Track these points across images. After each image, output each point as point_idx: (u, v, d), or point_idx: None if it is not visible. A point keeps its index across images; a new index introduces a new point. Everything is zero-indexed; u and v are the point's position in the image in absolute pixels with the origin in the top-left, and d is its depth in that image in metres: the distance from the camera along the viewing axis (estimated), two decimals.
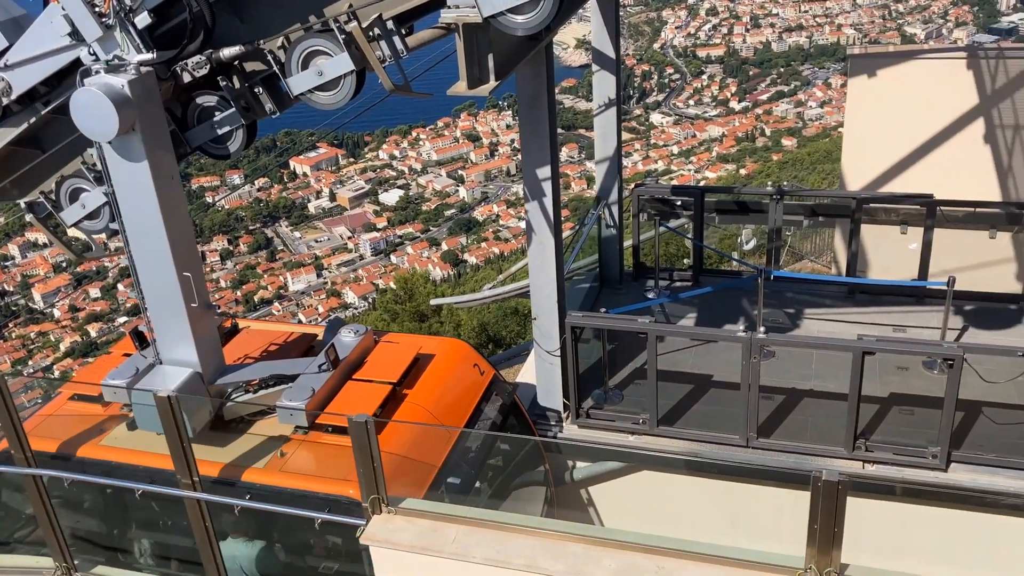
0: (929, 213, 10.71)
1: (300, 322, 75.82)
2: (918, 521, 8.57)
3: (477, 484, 8.20)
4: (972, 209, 11.21)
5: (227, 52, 6.85)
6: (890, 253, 11.74)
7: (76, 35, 6.57)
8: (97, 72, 6.42)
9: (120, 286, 78.55)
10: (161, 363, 7.49)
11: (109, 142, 6.54)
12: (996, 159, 13.19)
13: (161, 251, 6.96)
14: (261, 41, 6.85)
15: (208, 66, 6.84)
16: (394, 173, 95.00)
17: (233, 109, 7.05)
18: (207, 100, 7.16)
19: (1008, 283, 12.41)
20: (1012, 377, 8.52)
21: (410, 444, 7.42)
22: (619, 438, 9.20)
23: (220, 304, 79.46)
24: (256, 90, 7.12)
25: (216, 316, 7.87)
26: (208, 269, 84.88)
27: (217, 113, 7.13)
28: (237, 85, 7.05)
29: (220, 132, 7.18)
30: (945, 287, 9.77)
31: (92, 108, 6.29)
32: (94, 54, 6.60)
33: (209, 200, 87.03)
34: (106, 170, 6.79)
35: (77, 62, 6.75)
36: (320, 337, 8.56)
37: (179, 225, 7.02)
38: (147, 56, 6.49)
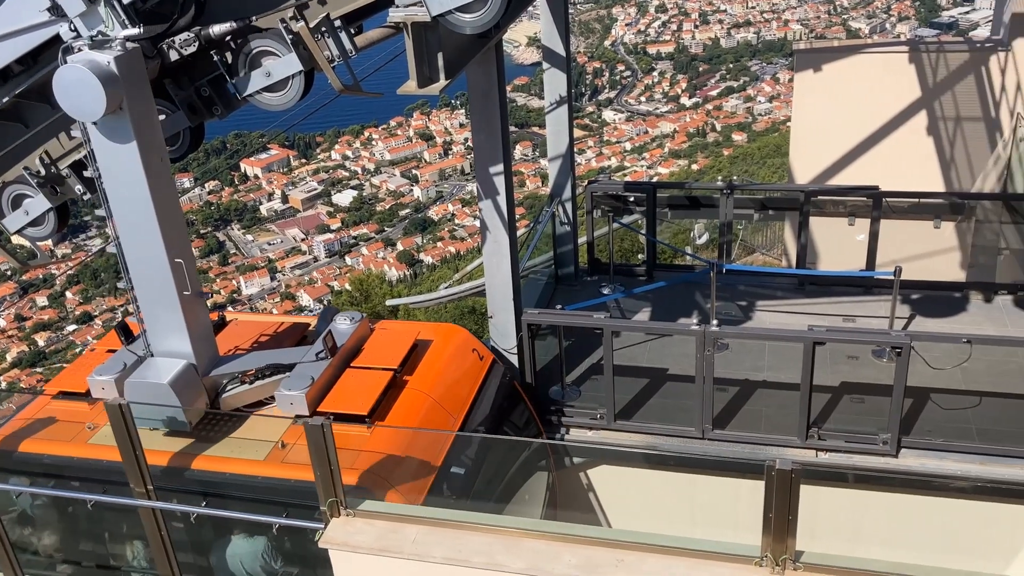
0: (875, 204, 10.92)
1: None
2: (871, 507, 8.74)
3: (480, 478, 8.04)
4: (917, 200, 11.46)
5: (217, 29, 6.56)
6: (838, 244, 11.95)
7: (56, 10, 6.24)
8: (79, 49, 6.11)
9: (69, 293, 76.97)
10: (152, 355, 7.23)
11: (94, 123, 6.25)
12: (939, 150, 13.50)
13: (151, 237, 6.69)
14: (254, 17, 6.55)
15: (196, 43, 6.55)
16: (347, 174, 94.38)
17: (179, 111, 6.94)
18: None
19: (953, 271, 12.70)
20: (958, 363, 8.72)
21: (413, 434, 7.25)
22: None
23: None
24: (202, 91, 7.01)
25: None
26: None
27: (162, 115, 7.01)
28: (182, 89, 6.95)
29: (166, 135, 7.05)
30: (892, 277, 9.97)
31: (78, 86, 5.99)
32: (75, 30, 6.27)
33: None
34: (91, 153, 6.49)
35: (49, 41, 6.45)
36: (313, 326, 8.35)
37: (169, 209, 6.75)
38: (134, 31, 6.19)
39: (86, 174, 7.34)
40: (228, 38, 6.64)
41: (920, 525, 8.58)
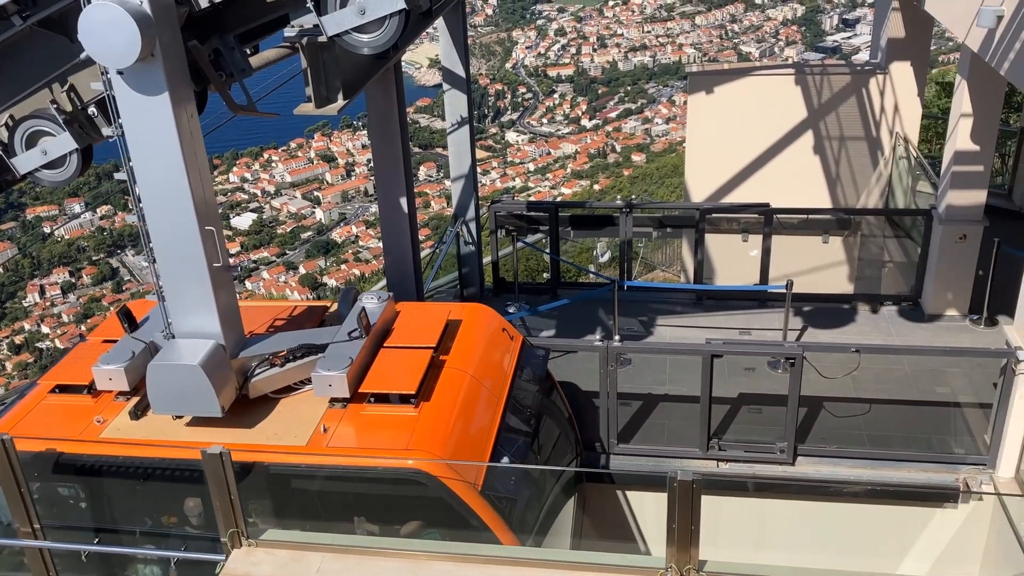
0: (767, 221, 11.32)
1: None
2: (771, 514, 8.98)
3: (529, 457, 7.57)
4: (806, 216, 11.93)
5: None
6: (733, 260, 12.32)
7: None
8: None
9: None
10: (173, 337, 6.66)
11: (120, 72, 5.71)
12: (825, 168, 14.07)
13: (181, 202, 6.08)
14: None
15: None
16: (246, 196, 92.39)
17: (66, 132, 6.68)
18: (36, 124, 6.73)
19: (841, 284, 13.24)
20: (848, 372, 9.07)
21: (463, 415, 6.94)
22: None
23: (63, 340, 75.18)
24: (90, 112, 6.77)
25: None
26: (48, 303, 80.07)
27: (48, 137, 6.73)
28: (69, 107, 6.69)
29: (52, 157, 6.76)
30: (784, 290, 10.33)
31: (109, 28, 5.43)
32: None
33: (47, 230, 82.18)
34: (113, 105, 5.94)
35: None
36: (332, 308, 7.90)
37: (199, 172, 6.20)
38: None
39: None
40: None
41: (817, 530, 8.86)
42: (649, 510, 8.83)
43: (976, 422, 8.94)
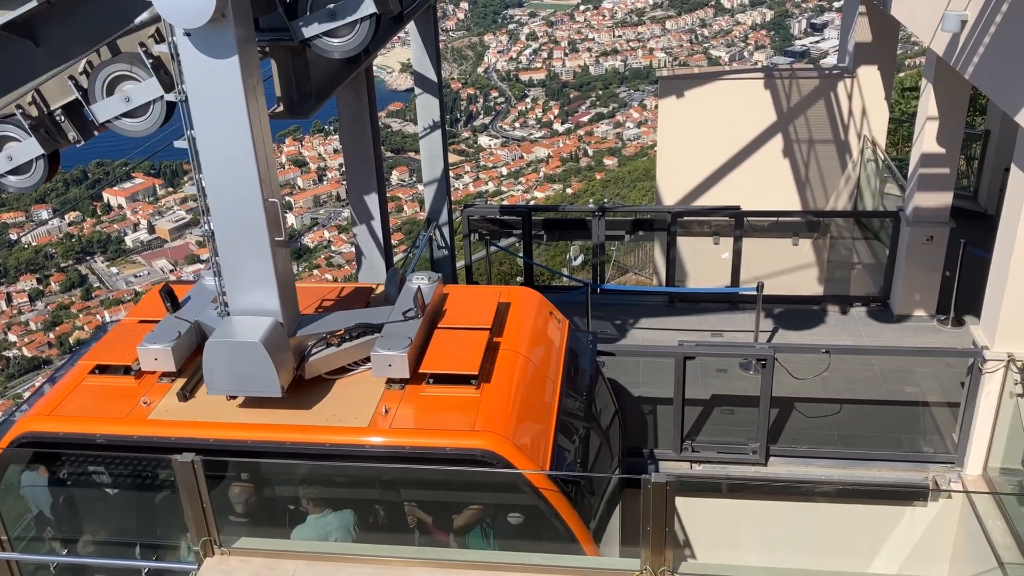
0: (737, 224, 11.41)
1: None
2: (744, 514, 9.04)
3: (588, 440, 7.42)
4: (776, 219, 12.04)
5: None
6: (705, 263, 12.41)
7: None
8: None
9: None
10: (228, 314, 6.41)
11: (187, 33, 5.49)
12: (795, 171, 14.22)
13: (245, 171, 5.87)
14: None
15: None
16: None
17: (32, 137, 6.59)
18: (1, 130, 6.63)
19: (811, 286, 13.36)
20: (818, 373, 9.16)
21: (524, 396, 6.74)
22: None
23: (30, 348, 74.12)
24: (58, 117, 6.69)
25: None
26: (15, 311, 78.92)
27: (13, 143, 6.65)
28: (35, 113, 6.61)
29: (17, 163, 6.67)
30: (755, 292, 10.41)
31: None
32: None
33: (14, 237, 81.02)
34: (178, 68, 5.73)
35: None
36: (378, 290, 7.66)
37: (264, 141, 5.99)
38: None
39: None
40: (83, 70, 6.35)
41: (790, 530, 8.93)
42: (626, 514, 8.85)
43: (944, 421, 9.06)
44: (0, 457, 6.49)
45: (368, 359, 6.55)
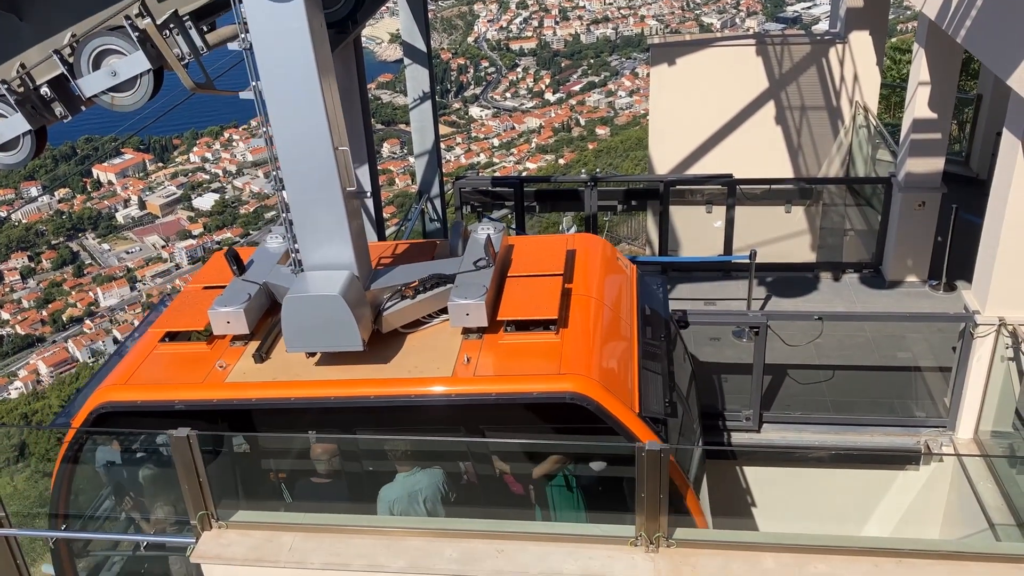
0: (730, 192, 11.39)
1: (116, 340, 71.58)
2: (738, 481, 9.12)
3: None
4: (768, 186, 12.03)
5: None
6: (698, 231, 12.40)
7: None
8: None
9: None
10: (303, 270, 6.32)
11: None
12: (787, 139, 14.17)
13: (313, 120, 5.75)
14: None
15: None
16: (207, 176, 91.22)
17: (18, 113, 6.55)
18: None
19: (803, 253, 13.39)
20: (811, 339, 9.20)
21: (604, 340, 6.62)
22: None
23: (23, 326, 73.96)
24: (43, 93, 6.64)
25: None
26: (7, 289, 78.67)
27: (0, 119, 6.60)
28: (21, 88, 6.55)
29: (3, 140, 6.62)
30: (748, 260, 10.43)
31: None
32: None
33: (3, 214, 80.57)
34: (241, 17, 5.62)
35: None
36: (442, 242, 7.57)
37: (331, 87, 5.87)
38: None
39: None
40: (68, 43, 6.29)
41: (783, 495, 9.01)
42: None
43: (936, 385, 9.11)
44: (80, 428, 6.43)
45: (441, 311, 6.50)
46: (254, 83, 5.80)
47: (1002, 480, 7.89)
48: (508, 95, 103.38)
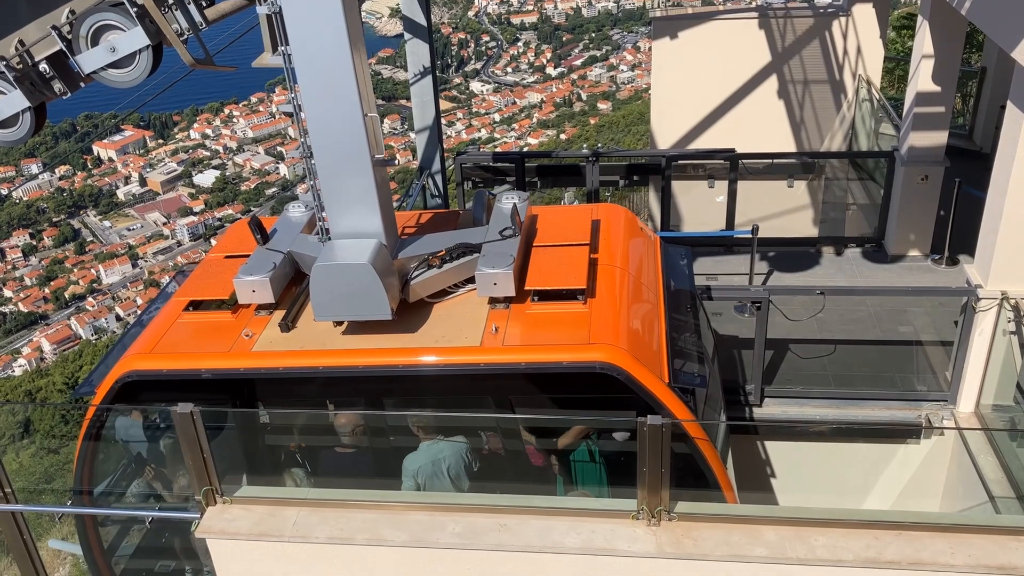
0: (732, 167, 11.35)
1: (119, 317, 71.77)
2: (739, 456, 9.15)
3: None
4: (770, 161, 11.98)
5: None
6: (700, 206, 12.37)
7: None
8: None
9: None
10: (330, 238, 6.26)
11: None
12: (789, 113, 14.11)
13: (343, 84, 5.64)
14: None
15: None
16: (208, 153, 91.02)
17: (17, 90, 6.51)
18: None
19: (806, 228, 13.36)
20: (813, 314, 9.20)
21: (630, 309, 6.55)
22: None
23: (26, 304, 74.12)
24: (41, 69, 6.59)
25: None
26: (10, 266, 78.76)
27: None
28: (19, 64, 6.51)
29: (2, 117, 6.59)
30: (750, 235, 10.41)
31: None
32: None
33: (4, 192, 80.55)
34: None
35: None
36: (465, 212, 7.49)
37: (360, 53, 5.74)
38: None
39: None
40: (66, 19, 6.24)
41: (785, 469, 9.06)
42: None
43: (938, 359, 9.13)
44: (106, 397, 6.38)
45: (466, 282, 6.47)
46: (283, 48, 5.71)
47: (1002, 453, 7.93)
48: (509, 70, 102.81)
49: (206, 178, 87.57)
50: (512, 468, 6.68)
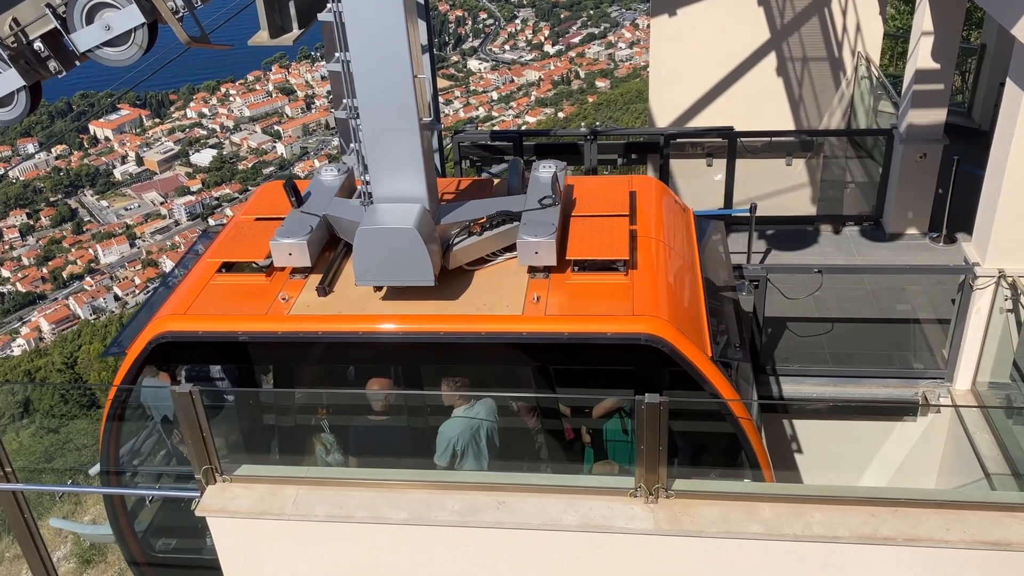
0: (731, 145, 11.32)
1: (117, 297, 71.77)
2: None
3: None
4: (769, 139, 11.94)
5: None
6: (698, 184, 12.34)
7: None
8: None
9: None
10: (372, 203, 6.14)
11: None
12: (788, 90, 14.04)
13: (394, 44, 5.53)
14: None
15: None
16: (205, 132, 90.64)
17: (12, 69, 6.47)
18: None
19: (804, 206, 13.35)
20: (811, 292, 9.21)
21: (669, 281, 6.47)
22: None
23: (24, 283, 74.05)
24: (36, 47, 6.55)
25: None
26: (7, 247, 78.64)
27: None
28: (14, 43, 6.47)
29: None
30: (748, 214, 10.40)
31: None
32: None
33: (0, 172, 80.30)
34: None
35: None
36: (500, 181, 7.46)
37: (412, 14, 5.64)
38: None
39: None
40: None
41: (782, 446, 9.10)
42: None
43: (935, 337, 9.15)
44: (137, 359, 6.33)
45: (504, 250, 6.42)
46: (333, 5, 5.63)
47: (998, 431, 7.97)
48: (507, 47, 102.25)
49: (203, 157, 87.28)
50: (542, 441, 6.64)
